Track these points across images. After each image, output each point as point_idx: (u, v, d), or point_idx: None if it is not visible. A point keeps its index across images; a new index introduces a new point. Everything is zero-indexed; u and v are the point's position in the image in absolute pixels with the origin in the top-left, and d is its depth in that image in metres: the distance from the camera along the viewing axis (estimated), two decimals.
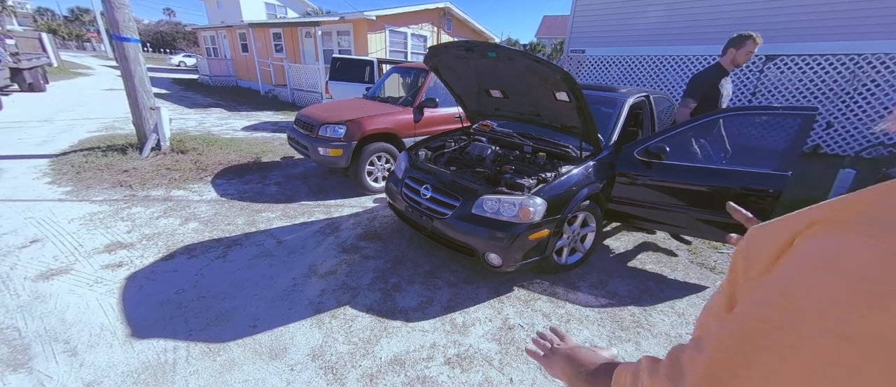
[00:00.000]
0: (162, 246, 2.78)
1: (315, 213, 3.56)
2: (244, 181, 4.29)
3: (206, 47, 18.05)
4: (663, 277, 2.71)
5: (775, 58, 6.80)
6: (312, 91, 11.02)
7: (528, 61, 2.25)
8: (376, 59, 7.62)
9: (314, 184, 4.36)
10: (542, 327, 2.10)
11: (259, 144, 6.01)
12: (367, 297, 2.32)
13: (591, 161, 2.55)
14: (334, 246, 2.94)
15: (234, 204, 3.63)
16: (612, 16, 8.52)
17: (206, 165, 4.60)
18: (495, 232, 2.21)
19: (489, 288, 2.46)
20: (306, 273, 2.54)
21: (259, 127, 7.76)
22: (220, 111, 9.53)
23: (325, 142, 3.81)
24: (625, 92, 3.36)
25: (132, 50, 4.61)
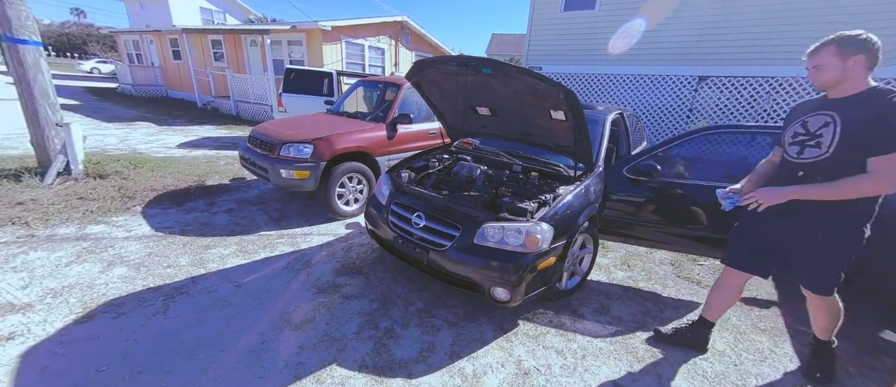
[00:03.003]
0: (75, 304, 2.16)
1: (279, 245, 3.08)
2: (185, 210, 3.63)
3: (127, 53, 15.97)
4: (658, 295, 2.70)
5: (707, 78, 7.61)
6: (261, 103, 10.13)
7: (529, 79, 2.11)
8: (336, 72, 7.18)
9: (273, 210, 3.83)
10: (561, 368, 1.92)
11: (201, 165, 5.24)
12: (356, 349, 1.96)
13: (586, 180, 2.47)
14: (308, 286, 2.52)
15: (174, 240, 3.02)
16: (567, 34, 9.00)
17: (133, 192, 3.84)
18: (502, 264, 2.00)
19: (493, 324, 2.24)
20: (277, 325, 2.11)
21: (199, 144, 6.85)
22: (148, 126, 8.31)
23: (289, 163, 3.35)
24: (603, 109, 3.41)
25: (31, 55, 3.76)
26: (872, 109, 1.42)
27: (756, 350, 2.16)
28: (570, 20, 8.89)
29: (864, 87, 1.48)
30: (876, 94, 1.44)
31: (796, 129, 1.64)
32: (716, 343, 2.19)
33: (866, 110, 1.43)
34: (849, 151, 1.47)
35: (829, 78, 1.51)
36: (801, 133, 1.62)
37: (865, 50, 1.44)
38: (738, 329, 2.35)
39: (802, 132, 1.61)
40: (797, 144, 1.62)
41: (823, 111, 1.56)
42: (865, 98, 1.46)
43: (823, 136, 1.52)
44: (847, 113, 1.48)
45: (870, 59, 1.45)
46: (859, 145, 1.45)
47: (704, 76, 7.61)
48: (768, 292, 2.86)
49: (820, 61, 1.52)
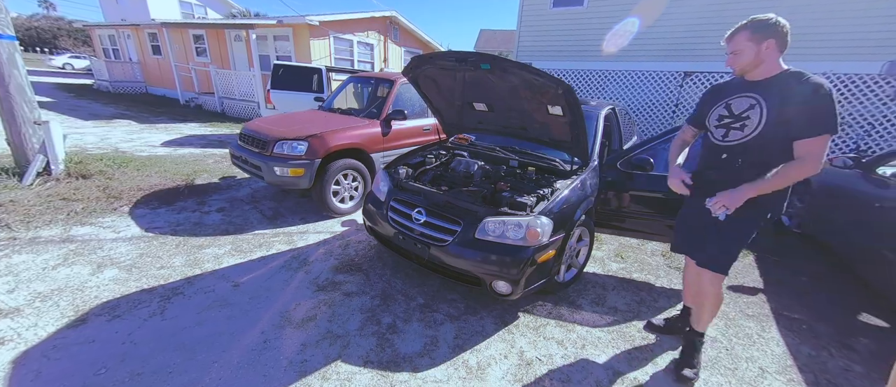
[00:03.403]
0: (66, 308, 2.09)
1: (275, 244, 3.04)
2: (175, 210, 3.54)
3: (103, 48, 15.33)
4: (651, 285, 2.78)
5: (692, 74, 7.80)
6: (248, 100, 9.90)
7: (528, 74, 2.14)
8: (325, 68, 7.07)
9: (267, 208, 3.78)
10: (562, 357, 1.97)
11: (188, 163, 5.11)
12: (360, 345, 1.97)
13: (582, 174, 2.52)
14: (307, 284, 2.50)
15: (165, 240, 2.95)
16: (556, 30, 9.07)
17: (119, 192, 3.72)
18: (503, 257, 2.04)
19: (494, 317, 2.27)
20: (278, 323, 2.09)
21: (184, 142, 6.66)
22: (129, 123, 8.03)
23: (283, 160, 3.30)
24: (595, 104, 3.47)
25: (4, 50, 3.58)
26: (795, 92, 1.44)
27: (745, 335, 2.26)
28: (559, 16, 8.96)
29: (777, 70, 1.51)
30: (793, 78, 1.47)
31: (720, 111, 1.65)
32: (708, 330, 2.27)
33: (788, 93, 1.46)
34: (772, 132, 1.49)
35: (746, 62, 1.53)
36: (726, 115, 1.62)
37: (776, 34, 1.46)
38: (728, 316, 2.44)
39: (727, 115, 1.62)
40: (723, 126, 1.63)
41: (747, 93, 1.57)
42: (783, 81, 1.49)
43: (750, 118, 1.54)
44: (770, 95, 1.50)
45: (780, 43, 1.47)
46: (782, 128, 1.47)
47: (689, 72, 7.80)
48: (754, 279, 2.98)
49: (736, 47, 1.53)
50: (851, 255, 3.00)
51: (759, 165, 1.56)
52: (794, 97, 1.44)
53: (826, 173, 3.57)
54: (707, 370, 1.95)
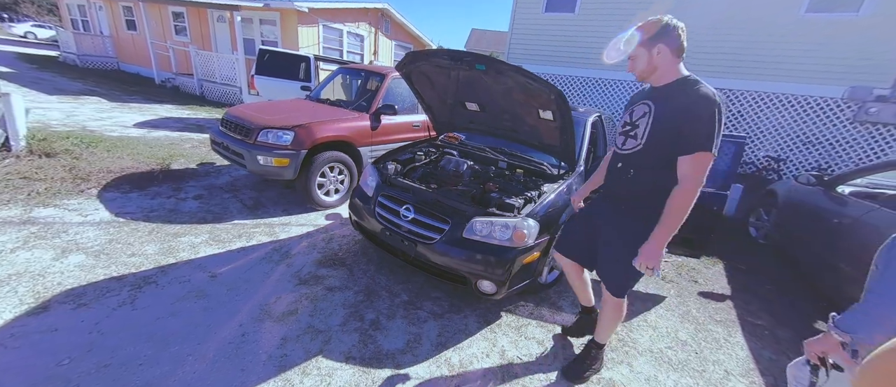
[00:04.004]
0: (25, 294, 1.96)
1: (255, 235, 2.96)
2: (148, 195, 3.38)
3: (71, 18, 14.38)
4: None
5: None
6: (230, 84, 9.54)
7: (522, 78, 2.16)
8: (313, 56, 6.90)
9: (247, 197, 3.66)
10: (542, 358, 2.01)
11: (163, 147, 4.88)
12: (342, 341, 1.95)
13: (569, 179, 2.58)
14: (288, 277, 2.45)
15: (137, 226, 2.81)
16: (548, 35, 9.20)
17: (87, 174, 3.51)
18: (489, 257, 2.06)
19: (477, 316, 2.29)
20: (257, 317, 2.04)
21: (159, 124, 6.35)
22: (98, 101, 7.57)
23: (267, 149, 3.21)
24: (583, 111, 3.55)
25: None
26: (681, 99, 1.35)
27: (713, 339, 2.38)
28: (550, 22, 9.09)
29: (674, 76, 1.42)
30: (686, 85, 1.38)
31: (625, 118, 1.58)
32: (679, 334, 2.39)
33: (676, 101, 1.37)
34: (658, 143, 1.41)
35: (642, 68, 1.46)
36: (628, 123, 1.55)
37: (667, 38, 1.38)
38: (698, 321, 2.57)
39: (628, 121, 1.55)
40: (623, 134, 1.57)
41: (645, 100, 1.50)
42: (676, 88, 1.40)
43: (639, 126, 1.47)
44: (660, 103, 1.43)
45: (674, 48, 1.39)
46: (667, 137, 1.39)
47: None
48: (723, 286, 3.14)
49: (633, 52, 1.45)
50: (811, 266, 3.20)
51: (648, 177, 1.47)
52: (678, 107, 1.35)
53: (792, 189, 3.80)
54: (677, 372, 2.04)
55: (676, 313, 2.62)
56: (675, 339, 2.33)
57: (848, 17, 6.55)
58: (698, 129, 1.30)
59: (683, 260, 3.45)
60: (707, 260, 3.55)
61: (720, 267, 3.50)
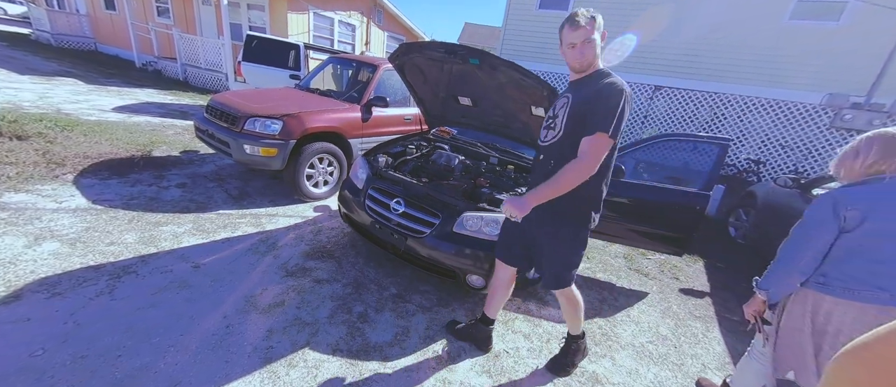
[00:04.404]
0: None
1: (241, 225, 2.89)
2: (128, 182, 3.26)
3: None
4: (613, 285, 2.95)
5: (661, 88, 8.25)
6: (215, 70, 9.25)
7: (515, 73, 2.16)
8: (303, 44, 6.74)
9: (233, 187, 3.58)
10: (528, 350, 2.05)
11: (144, 133, 4.71)
12: (329, 334, 1.94)
13: None
14: (275, 269, 2.41)
15: (116, 214, 2.71)
16: (541, 33, 9.21)
17: (62, 158, 3.37)
18: (479, 252, 2.07)
19: (465, 310, 2.31)
20: (242, 308, 2.01)
21: (140, 109, 6.12)
22: (74, 83, 7.24)
23: (254, 138, 3.13)
24: None
25: None
26: (594, 86, 1.39)
27: (692, 334, 2.46)
28: (544, 19, 9.11)
29: (596, 67, 1.46)
30: (601, 75, 1.43)
31: (549, 111, 1.60)
32: (660, 328, 2.46)
33: (589, 88, 1.41)
34: (572, 131, 1.43)
35: (594, 54, 1.42)
36: (550, 116, 1.57)
37: (603, 27, 1.41)
38: (678, 316, 2.65)
39: (551, 115, 1.57)
40: (545, 127, 1.59)
41: (565, 93, 1.52)
42: (594, 77, 1.44)
43: (559, 116, 1.49)
44: (576, 92, 1.45)
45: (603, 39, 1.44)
46: (579, 123, 1.40)
47: (659, 86, 8.24)
48: (703, 283, 3.24)
49: (588, 36, 1.39)
50: None
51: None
52: (590, 92, 1.39)
53: (770, 191, 3.94)
54: (657, 365, 2.11)
55: (658, 309, 2.70)
56: (656, 334, 2.40)
57: (829, 25, 6.77)
58: (601, 111, 1.34)
59: (666, 257, 3.55)
60: (689, 258, 3.65)
61: (701, 265, 3.61)
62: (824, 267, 1.29)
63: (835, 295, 1.26)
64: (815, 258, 1.30)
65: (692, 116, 8.01)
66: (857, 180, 1.31)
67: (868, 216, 1.21)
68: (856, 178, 1.32)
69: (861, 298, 1.22)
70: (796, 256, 1.33)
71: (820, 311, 1.29)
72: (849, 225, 1.24)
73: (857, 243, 1.24)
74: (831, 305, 1.27)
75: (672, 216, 2.80)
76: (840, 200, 1.26)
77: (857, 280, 1.23)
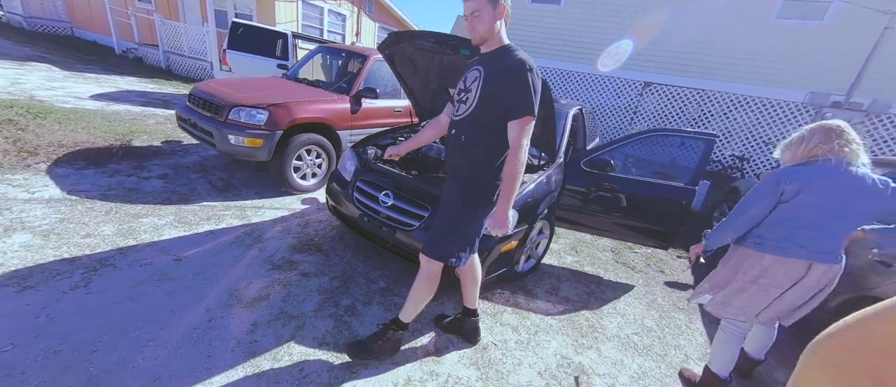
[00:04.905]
0: None
1: (225, 217, 2.83)
2: (106, 172, 3.15)
3: None
4: (601, 278, 2.99)
5: (651, 85, 8.33)
6: (199, 59, 8.98)
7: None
8: (291, 33, 6.58)
9: (217, 178, 3.48)
10: (516, 343, 2.06)
11: (124, 122, 4.54)
12: (316, 327, 1.91)
13: (548, 170, 2.61)
14: (260, 262, 2.36)
15: (93, 205, 2.62)
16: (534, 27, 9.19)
17: (35, 147, 3.22)
18: None
19: (454, 303, 2.31)
20: (226, 301, 1.96)
21: (120, 97, 5.91)
22: (49, 68, 6.93)
23: (239, 129, 3.05)
24: (565, 103, 3.59)
25: None
26: (505, 62, 1.39)
27: (675, 326, 2.51)
28: (536, 12, 9.08)
29: (501, 43, 1.44)
30: (509, 50, 1.42)
31: (460, 85, 1.57)
32: (645, 320, 2.50)
33: (500, 62, 1.40)
34: (486, 105, 1.43)
35: (486, 28, 1.40)
36: (462, 89, 1.54)
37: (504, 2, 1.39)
38: (663, 308, 2.70)
39: (462, 88, 1.54)
40: (458, 100, 1.56)
41: (476, 66, 1.49)
42: (502, 52, 1.43)
43: (471, 90, 1.47)
44: (488, 66, 1.43)
45: (506, 14, 1.41)
46: (494, 99, 1.41)
47: (649, 82, 8.32)
48: (687, 276, 3.31)
49: (477, 5, 1.36)
50: None
51: (478, 143, 1.48)
52: (502, 68, 1.39)
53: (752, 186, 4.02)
54: (641, 356, 2.14)
55: (644, 302, 2.74)
56: (641, 325, 2.44)
57: (813, 25, 6.91)
58: (522, 93, 1.36)
59: (653, 251, 3.60)
60: (674, 252, 3.72)
61: (686, 258, 3.68)
62: (761, 230, 1.62)
63: (769, 253, 1.58)
64: (752, 221, 1.63)
65: (680, 112, 8.12)
66: (797, 162, 1.60)
67: (802, 190, 1.50)
68: (797, 160, 1.60)
69: (787, 253, 1.54)
70: (736, 221, 1.67)
71: (757, 265, 1.62)
72: (786, 197, 1.54)
73: (791, 212, 1.54)
74: (769, 261, 1.58)
75: (659, 211, 2.84)
76: (783, 176, 1.55)
77: (786, 240, 1.55)
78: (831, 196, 1.48)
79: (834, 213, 1.49)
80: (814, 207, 1.49)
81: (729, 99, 7.54)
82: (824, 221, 1.50)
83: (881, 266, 2.15)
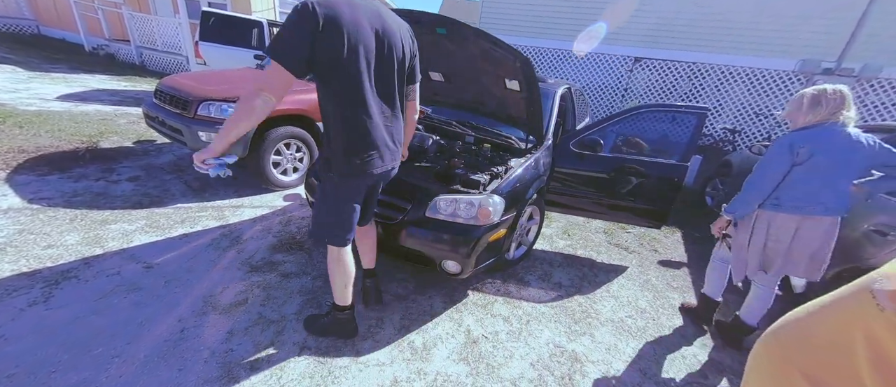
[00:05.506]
0: None
1: (201, 219, 2.69)
2: (71, 177, 2.97)
3: None
4: (594, 261, 2.93)
5: (642, 59, 8.17)
6: (173, 53, 8.60)
7: (485, 43, 2.00)
8: (267, 21, 6.28)
9: (193, 178, 3.33)
10: (507, 334, 1.99)
11: (92, 122, 4.32)
12: (297, 330, 1.82)
13: (536, 153, 2.50)
14: (238, 264, 2.25)
15: (56, 213, 2.46)
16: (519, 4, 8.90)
17: None
18: (454, 236, 1.96)
19: (443, 296, 2.23)
20: (200, 310, 1.85)
21: (89, 97, 5.63)
22: (13, 70, 6.58)
23: (209, 125, 2.88)
24: (552, 82, 3.45)
25: None
26: None
27: (670, 306, 2.47)
28: None
29: None
30: None
31: None
32: (639, 302, 2.45)
33: None
34: None
35: None
36: None
37: None
38: (657, 289, 2.65)
39: None
40: None
41: None
42: None
43: None
44: None
45: None
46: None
47: (639, 57, 8.16)
48: (680, 254, 3.27)
49: None
50: None
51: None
52: None
53: (745, 160, 3.96)
54: (636, 339, 2.10)
55: (637, 283, 2.69)
56: (635, 307, 2.39)
57: None
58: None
59: (646, 230, 3.55)
60: (667, 230, 3.67)
61: (678, 236, 3.64)
62: (777, 193, 1.77)
63: (786, 212, 1.75)
64: (772, 184, 1.77)
65: (672, 87, 8.01)
66: (804, 125, 1.73)
67: (815, 152, 1.66)
68: (803, 124, 1.74)
69: (805, 212, 1.71)
70: (759, 184, 1.80)
71: (773, 225, 1.80)
72: (801, 159, 1.69)
73: (805, 173, 1.69)
74: (782, 220, 1.77)
75: (651, 189, 2.76)
76: (795, 140, 1.70)
77: (804, 199, 1.71)
78: (838, 155, 1.65)
79: (840, 169, 1.67)
80: (826, 166, 1.66)
81: (720, 71, 7.43)
82: (834, 178, 1.67)
83: (877, 236, 2.11)
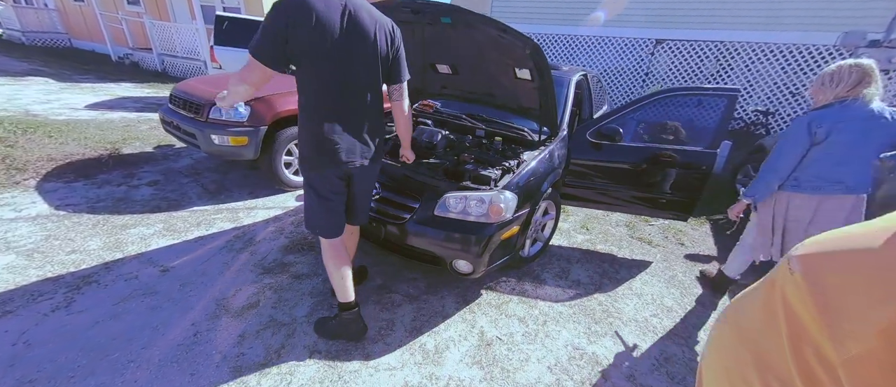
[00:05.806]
0: None
1: (216, 222, 2.72)
2: (95, 183, 3.08)
3: None
4: (614, 256, 2.78)
5: (664, 41, 7.74)
6: (192, 58, 8.83)
7: (493, 30, 1.88)
8: None
9: (210, 181, 3.38)
10: (523, 335, 1.90)
11: (117, 129, 4.48)
12: (307, 333, 1.80)
13: (550, 145, 2.38)
14: (250, 266, 2.26)
15: (80, 219, 2.55)
16: None
17: (23, 163, 3.17)
18: (464, 235, 1.88)
19: (455, 296, 2.16)
20: (213, 313, 1.86)
21: (116, 105, 5.85)
22: (46, 82, 6.92)
23: (222, 127, 2.90)
24: (567, 70, 3.28)
25: None
26: None
27: (699, 303, 2.31)
28: None
29: None
30: None
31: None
32: (665, 300, 2.31)
33: None
34: None
35: None
36: None
37: None
38: (684, 285, 2.49)
39: None
40: None
41: None
42: None
43: None
44: None
45: None
46: None
47: (661, 39, 7.73)
48: (709, 247, 3.07)
49: None
50: None
51: None
52: None
53: None
54: (662, 340, 1.97)
55: (662, 279, 2.54)
56: (660, 306, 2.25)
57: None
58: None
59: (671, 222, 3.35)
60: (694, 221, 3.46)
61: (707, 227, 3.42)
62: (796, 173, 1.77)
63: (805, 192, 1.75)
64: (791, 165, 1.77)
65: (697, 69, 7.56)
66: (824, 104, 1.70)
67: (832, 131, 1.65)
68: (823, 103, 1.71)
69: (825, 191, 1.71)
70: (778, 165, 1.80)
71: (792, 205, 1.81)
72: (819, 138, 1.68)
73: (824, 152, 1.69)
74: (801, 200, 1.77)
75: (676, 179, 2.58)
76: (813, 120, 1.69)
77: (823, 179, 1.71)
78: (857, 133, 1.62)
79: (859, 147, 1.64)
80: (844, 145, 1.64)
81: (751, 48, 6.94)
82: (853, 156, 1.65)
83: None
